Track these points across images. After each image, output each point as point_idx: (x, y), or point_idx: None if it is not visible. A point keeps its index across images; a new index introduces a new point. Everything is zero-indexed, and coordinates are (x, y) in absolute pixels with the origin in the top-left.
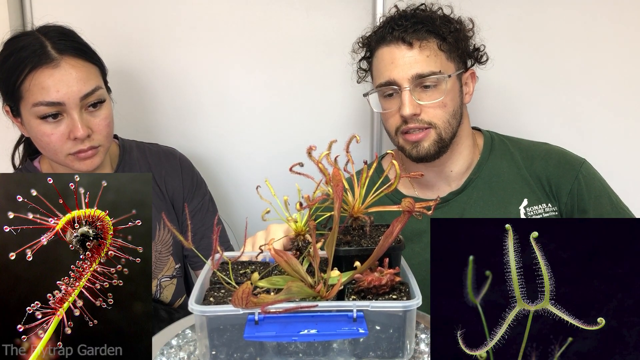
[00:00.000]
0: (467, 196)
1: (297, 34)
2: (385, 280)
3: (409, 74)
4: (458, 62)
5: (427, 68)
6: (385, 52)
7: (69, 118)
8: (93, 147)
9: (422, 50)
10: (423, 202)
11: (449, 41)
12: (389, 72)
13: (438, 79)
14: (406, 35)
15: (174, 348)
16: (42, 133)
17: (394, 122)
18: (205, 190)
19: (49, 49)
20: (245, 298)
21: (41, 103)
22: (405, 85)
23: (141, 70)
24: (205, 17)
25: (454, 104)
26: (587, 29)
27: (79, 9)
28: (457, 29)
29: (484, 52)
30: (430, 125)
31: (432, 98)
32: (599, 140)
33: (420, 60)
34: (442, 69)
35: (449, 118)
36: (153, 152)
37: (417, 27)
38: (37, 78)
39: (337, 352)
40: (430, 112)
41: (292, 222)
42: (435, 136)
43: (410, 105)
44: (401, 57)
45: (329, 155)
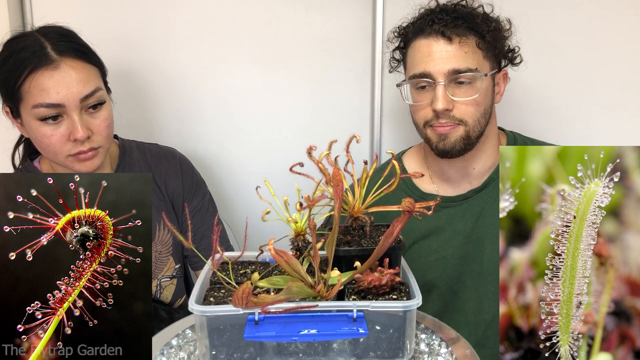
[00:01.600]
0: (487, 195)
1: (297, 34)
2: (385, 280)
3: (446, 69)
4: (493, 61)
5: (464, 64)
6: (422, 44)
7: (69, 119)
8: (93, 149)
9: (461, 46)
10: (423, 202)
11: (488, 40)
12: (425, 65)
13: (474, 76)
14: (446, 30)
15: (174, 348)
16: (42, 135)
17: (424, 115)
18: (205, 190)
19: (48, 50)
20: (245, 298)
21: (41, 105)
22: (440, 79)
23: (141, 70)
24: (205, 17)
25: (486, 102)
26: (587, 29)
27: (78, 9)
28: (497, 28)
29: (518, 53)
30: (461, 122)
31: (466, 95)
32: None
33: (458, 56)
34: (479, 66)
35: (479, 117)
36: (153, 152)
37: (458, 22)
38: (37, 80)
39: (337, 352)
40: (462, 109)
41: (292, 222)
42: (463, 133)
43: (444, 99)
44: (439, 50)
45: (329, 155)
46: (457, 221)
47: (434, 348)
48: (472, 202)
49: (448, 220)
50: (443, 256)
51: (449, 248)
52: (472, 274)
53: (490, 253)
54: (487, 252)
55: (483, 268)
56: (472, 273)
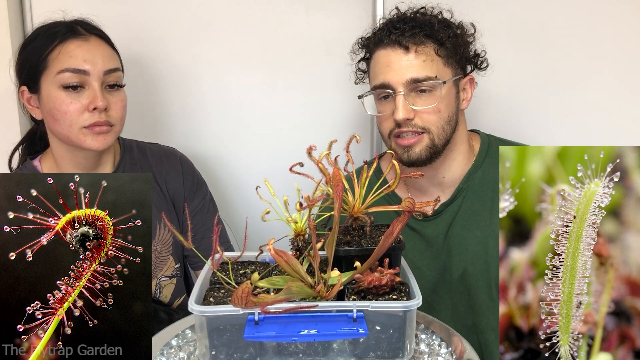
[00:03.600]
0: (457, 205)
1: (297, 34)
2: (386, 281)
3: (404, 78)
4: (456, 67)
5: (423, 73)
6: (381, 55)
7: (90, 90)
8: (109, 123)
9: (418, 55)
10: (423, 202)
11: (447, 46)
12: (384, 75)
13: (433, 84)
14: (403, 39)
15: (174, 348)
16: (61, 102)
17: (387, 126)
18: (206, 190)
19: (78, 28)
20: (245, 298)
21: (67, 70)
22: (399, 89)
23: (141, 70)
24: (204, 17)
25: (449, 110)
26: (586, 30)
27: (78, 10)
28: (456, 34)
29: (484, 58)
30: (424, 130)
31: (427, 103)
32: (599, 142)
33: (416, 65)
34: (438, 74)
35: (443, 124)
36: (154, 152)
37: (415, 31)
38: (67, 47)
39: (337, 352)
40: (424, 117)
41: (292, 222)
42: (428, 142)
43: (404, 109)
44: (397, 60)
45: (329, 155)
46: (430, 232)
47: (434, 348)
48: (444, 215)
49: (421, 232)
50: (418, 267)
51: (424, 259)
52: (444, 283)
53: (458, 263)
54: (455, 262)
55: (453, 277)
56: (445, 282)
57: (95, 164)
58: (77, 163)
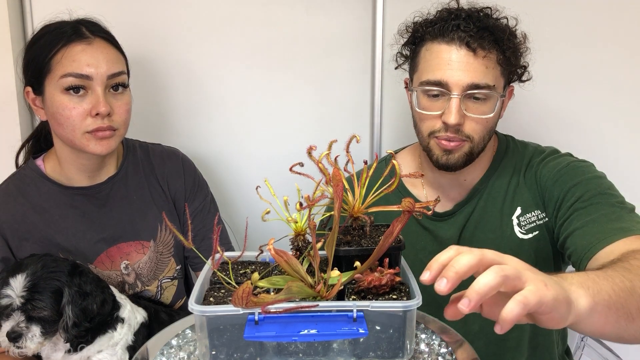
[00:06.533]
0: (472, 207)
1: (297, 34)
2: (385, 280)
3: (465, 82)
4: (506, 77)
5: (484, 80)
6: (443, 50)
7: (93, 95)
8: (112, 128)
9: (483, 61)
10: (423, 202)
11: (507, 56)
12: (442, 72)
13: (490, 93)
14: (472, 40)
15: (174, 348)
16: (64, 106)
17: (431, 125)
18: (207, 191)
19: (83, 29)
20: (245, 298)
21: (70, 74)
22: (455, 91)
23: (141, 71)
24: (205, 17)
25: (495, 120)
26: (584, 30)
27: (78, 10)
28: (517, 44)
29: (528, 70)
30: (468, 138)
31: (479, 112)
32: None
33: (479, 70)
34: (496, 83)
35: (485, 134)
36: (156, 152)
37: (484, 34)
38: (70, 51)
39: (337, 352)
40: (471, 126)
41: (292, 222)
42: (467, 149)
43: (457, 114)
44: (460, 60)
45: (329, 155)
46: (443, 233)
47: (434, 348)
48: (458, 215)
49: (435, 232)
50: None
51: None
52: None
53: None
54: None
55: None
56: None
57: (98, 166)
58: (80, 165)
